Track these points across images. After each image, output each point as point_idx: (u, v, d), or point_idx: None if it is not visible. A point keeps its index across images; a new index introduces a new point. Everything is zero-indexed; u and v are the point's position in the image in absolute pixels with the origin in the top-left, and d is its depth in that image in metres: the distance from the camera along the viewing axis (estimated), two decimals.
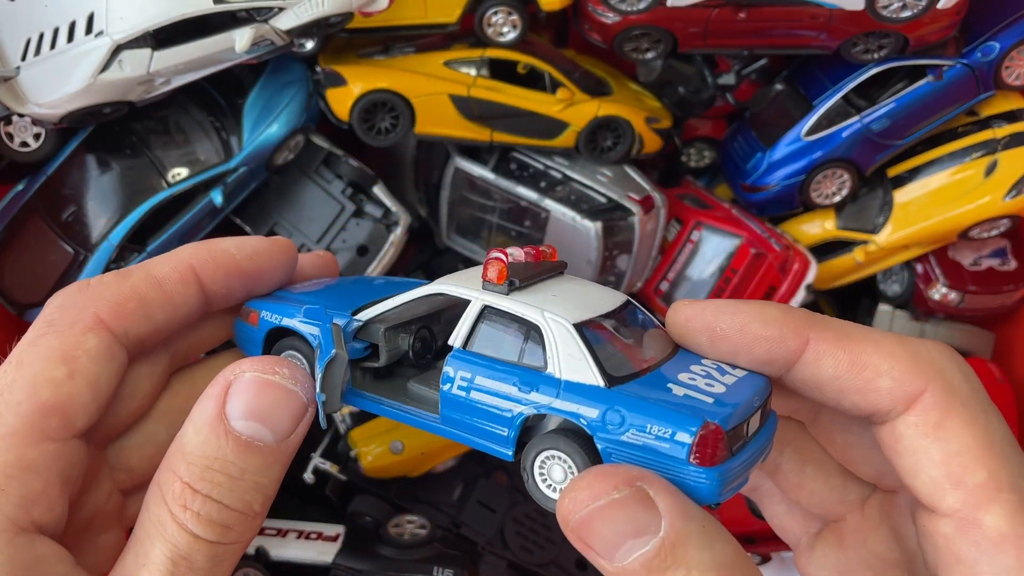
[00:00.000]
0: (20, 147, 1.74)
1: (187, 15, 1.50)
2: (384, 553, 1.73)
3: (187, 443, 0.70)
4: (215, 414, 0.70)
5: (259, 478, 0.70)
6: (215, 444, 0.69)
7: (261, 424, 0.70)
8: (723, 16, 1.77)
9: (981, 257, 2.09)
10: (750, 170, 2.03)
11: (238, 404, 0.70)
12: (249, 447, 0.70)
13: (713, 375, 0.74)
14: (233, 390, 0.71)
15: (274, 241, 0.87)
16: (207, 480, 0.68)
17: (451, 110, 1.83)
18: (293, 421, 0.72)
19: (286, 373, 0.73)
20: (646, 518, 0.63)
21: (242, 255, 0.83)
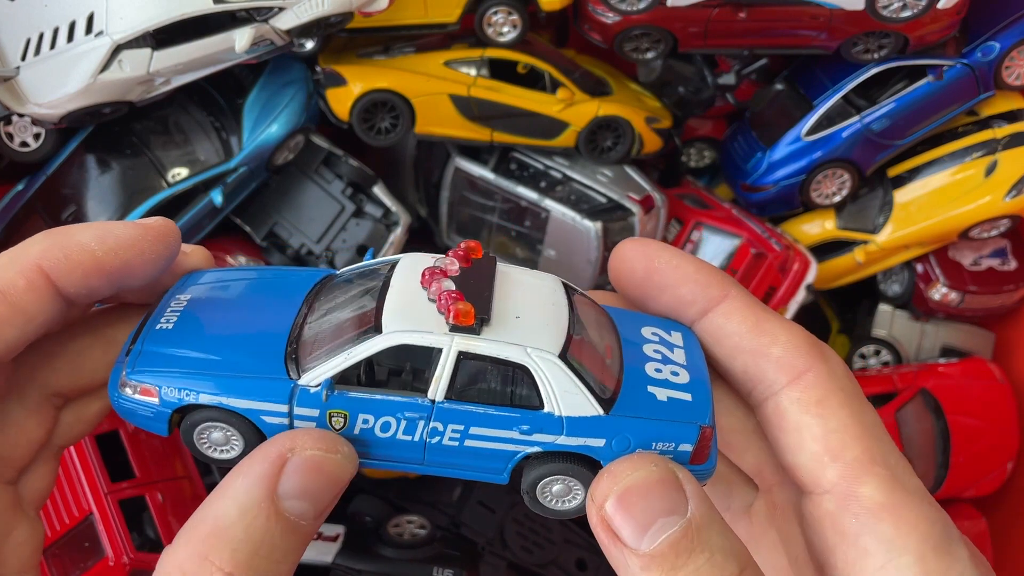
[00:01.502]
0: (20, 147, 1.74)
1: (187, 15, 1.50)
2: (384, 553, 1.74)
3: (229, 525, 0.62)
4: (266, 495, 0.63)
5: (297, 555, 0.65)
6: (264, 528, 0.62)
7: (309, 504, 0.64)
8: (723, 16, 1.77)
9: (981, 257, 2.09)
10: (750, 170, 2.03)
11: (294, 484, 0.64)
12: (295, 528, 0.64)
13: (668, 357, 0.76)
14: (289, 468, 0.64)
15: (146, 228, 0.74)
16: (254, 568, 0.61)
17: (451, 110, 1.83)
18: (334, 499, 0.67)
19: (346, 452, 0.67)
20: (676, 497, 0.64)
21: (104, 250, 0.71)
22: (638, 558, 0.63)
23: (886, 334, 2.14)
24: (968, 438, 1.97)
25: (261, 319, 0.76)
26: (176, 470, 1.73)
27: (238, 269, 0.88)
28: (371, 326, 0.71)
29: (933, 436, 1.97)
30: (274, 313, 0.76)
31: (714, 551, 0.63)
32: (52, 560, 1.68)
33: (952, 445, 1.96)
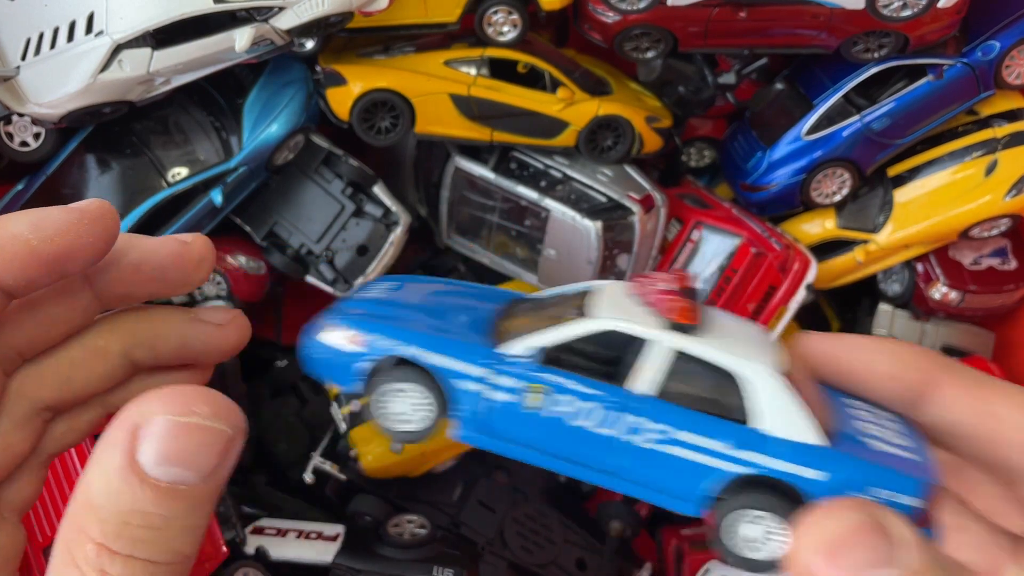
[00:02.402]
0: (20, 147, 1.74)
1: (187, 14, 1.50)
2: (384, 553, 1.74)
3: (95, 496, 0.59)
4: (125, 463, 0.59)
5: (187, 521, 0.61)
6: (130, 496, 0.59)
7: (182, 468, 0.60)
8: (723, 15, 1.77)
9: (981, 256, 2.09)
10: (750, 169, 2.03)
11: (151, 451, 0.59)
12: (171, 493, 0.59)
13: (879, 420, 0.71)
14: (142, 436, 0.60)
15: (81, 211, 0.72)
16: (125, 538, 0.58)
17: (451, 109, 1.83)
18: (219, 456, 0.62)
19: (207, 412, 0.62)
20: (885, 548, 0.59)
21: (40, 238, 0.69)
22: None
23: (886, 333, 2.14)
24: None
25: (465, 308, 0.77)
26: None
27: (432, 280, 0.89)
28: (579, 312, 0.70)
29: None
30: (477, 306, 0.77)
31: None
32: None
33: None
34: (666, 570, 2.06)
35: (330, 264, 1.92)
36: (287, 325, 2.17)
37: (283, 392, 2.08)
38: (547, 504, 1.97)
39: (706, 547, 1.98)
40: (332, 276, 1.92)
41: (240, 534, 1.74)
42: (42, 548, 1.70)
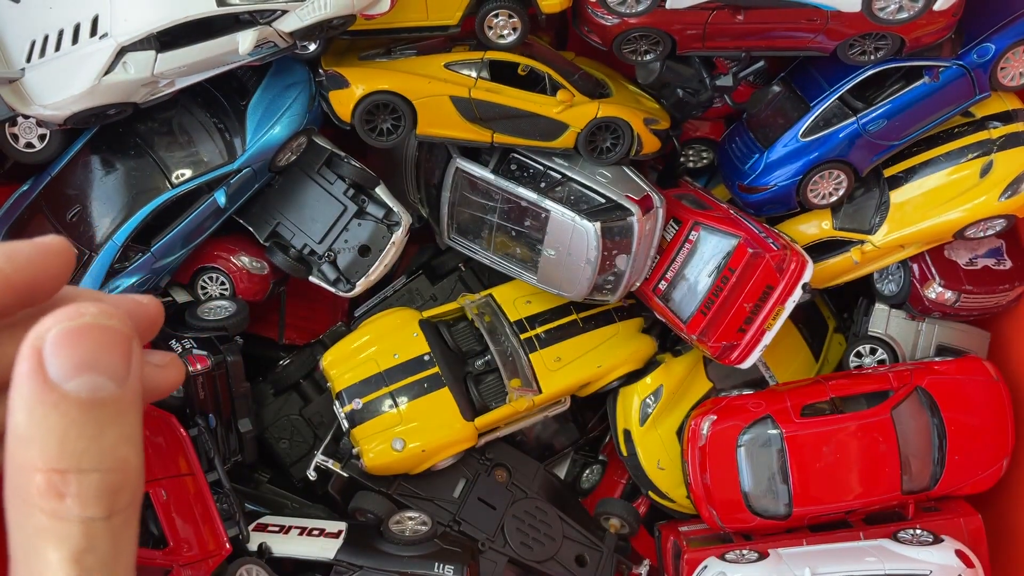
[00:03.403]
0: (25, 148, 1.75)
1: (191, 17, 1.52)
2: (385, 549, 1.75)
3: (25, 430, 0.60)
4: (40, 386, 0.59)
5: (120, 428, 0.61)
6: (57, 415, 0.59)
7: (96, 374, 0.60)
8: (721, 18, 1.78)
9: (977, 256, 2.10)
10: (748, 171, 2.04)
11: (59, 365, 0.60)
12: (95, 402, 0.60)
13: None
14: (48, 352, 0.60)
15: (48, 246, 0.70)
16: (69, 454, 0.58)
17: (452, 112, 1.85)
18: (123, 357, 0.62)
19: (94, 311, 0.62)
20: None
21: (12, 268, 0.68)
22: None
23: (882, 333, 2.15)
24: (964, 436, 1.99)
25: None
26: (179, 467, 1.75)
27: None
28: None
29: (929, 434, 1.99)
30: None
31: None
32: None
33: (948, 443, 1.98)
34: (664, 566, 2.08)
35: (332, 264, 1.94)
36: (289, 325, 2.19)
37: (285, 391, 2.10)
38: (546, 501, 1.99)
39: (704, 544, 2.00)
40: (334, 276, 1.93)
41: (243, 531, 1.76)
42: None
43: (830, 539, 1.93)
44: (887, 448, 1.95)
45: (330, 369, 1.95)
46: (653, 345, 2.15)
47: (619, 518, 2.10)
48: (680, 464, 2.07)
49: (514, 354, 1.97)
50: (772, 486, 1.97)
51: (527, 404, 1.95)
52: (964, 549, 1.85)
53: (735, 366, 1.99)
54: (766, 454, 1.96)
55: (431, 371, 1.92)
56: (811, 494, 1.95)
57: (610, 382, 2.09)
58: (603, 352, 2.06)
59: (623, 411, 2.13)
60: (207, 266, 1.93)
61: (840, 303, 2.35)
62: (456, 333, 2.02)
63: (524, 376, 1.95)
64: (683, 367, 2.13)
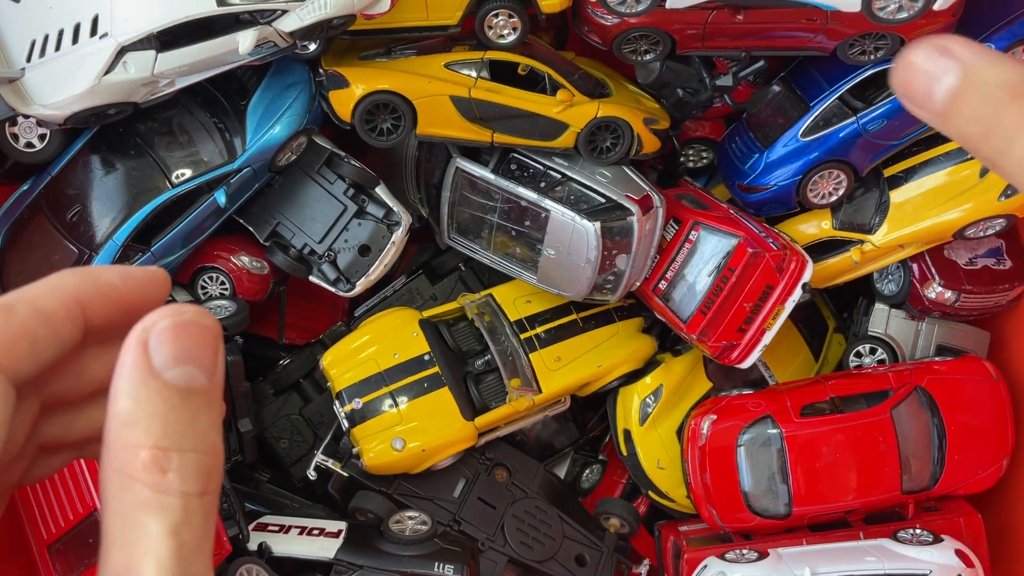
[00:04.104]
0: (25, 148, 1.75)
1: (191, 17, 1.52)
2: (385, 549, 1.75)
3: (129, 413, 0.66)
4: (145, 372, 0.66)
5: (209, 417, 0.67)
6: (160, 399, 0.66)
7: (193, 366, 0.67)
8: (721, 18, 1.78)
9: (976, 256, 2.10)
10: (748, 171, 2.04)
11: (162, 355, 0.67)
12: (190, 391, 0.67)
13: None
14: (152, 345, 0.67)
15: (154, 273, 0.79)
16: (172, 434, 0.65)
17: (452, 111, 1.85)
18: (214, 354, 0.68)
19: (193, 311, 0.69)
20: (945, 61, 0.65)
21: (127, 288, 0.77)
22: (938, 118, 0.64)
23: (882, 333, 2.15)
24: (963, 435, 1.99)
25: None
26: None
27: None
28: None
29: (929, 433, 1.99)
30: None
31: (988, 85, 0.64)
32: (56, 556, 1.70)
33: (948, 442, 1.98)
34: (664, 566, 2.08)
35: (332, 264, 1.94)
36: (289, 324, 2.19)
37: (285, 390, 2.10)
38: (546, 501, 1.99)
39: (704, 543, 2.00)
40: (334, 276, 1.93)
41: (243, 530, 1.76)
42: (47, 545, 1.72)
43: (830, 539, 1.93)
44: (887, 448, 1.95)
45: (330, 369, 1.95)
46: (653, 345, 2.15)
47: (619, 518, 2.10)
48: (680, 464, 2.07)
49: (514, 354, 1.97)
50: (772, 486, 1.97)
51: (527, 404, 1.95)
52: (964, 549, 1.85)
53: (735, 366, 2.00)
54: (766, 454, 1.96)
55: (431, 371, 1.93)
56: (811, 494, 1.95)
57: (610, 382, 2.09)
58: (603, 352, 2.06)
59: (623, 411, 2.13)
60: (207, 266, 1.93)
61: (840, 303, 2.35)
62: (456, 333, 2.02)
63: (524, 376, 1.96)
64: (683, 367, 2.13)
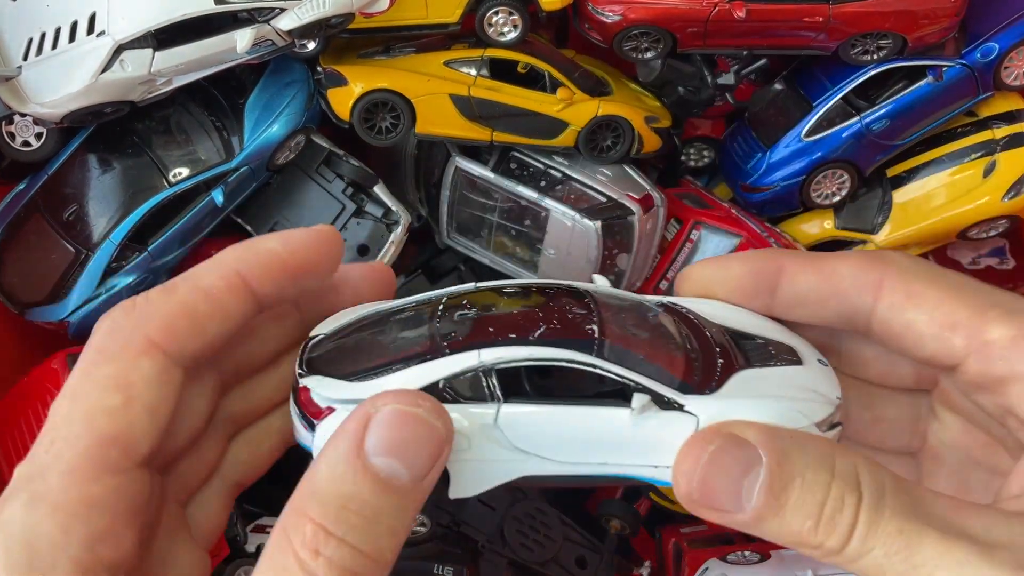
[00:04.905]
0: (22, 146, 1.74)
1: (188, 15, 1.51)
2: None
3: (319, 481, 0.66)
4: (352, 449, 0.66)
5: (393, 522, 0.66)
6: (351, 482, 0.65)
7: (399, 461, 0.66)
8: (722, 16, 1.77)
9: (980, 256, 2.10)
10: (750, 170, 2.03)
11: (377, 439, 0.66)
12: (387, 486, 0.66)
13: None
14: (373, 424, 0.66)
15: (319, 232, 0.82)
16: (342, 522, 0.64)
17: (452, 110, 1.84)
18: (431, 460, 0.68)
19: (428, 407, 0.69)
20: (748, 452, 0.68)
21: (288, 251, 0.79)
22: (748, 516, 0.67)
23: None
24: None
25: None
26: None
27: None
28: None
29: None
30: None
31: (803, 474, 0.67)
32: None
33: None
34: (665, 568, 2.07)
35: None
36: None
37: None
38: (547, 502, 1.98)
39: (706, 545, 1.99)
40: None
41: (241, 532, 1.75)
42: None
43: None
44: None
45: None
46: None
47: (620, 519, 2.09)
48: None
49: None
50: None
51: None
52: None
53: None
54: None
55: None
56: None
57: None
58: None
59: None
60: None
61: None
62: None
63: None
64: None
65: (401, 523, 0.67)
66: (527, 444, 0.78)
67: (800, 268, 0.84)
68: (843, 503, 0.66)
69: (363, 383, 0.76)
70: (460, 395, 0.76)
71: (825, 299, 0.83)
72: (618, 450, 0.78)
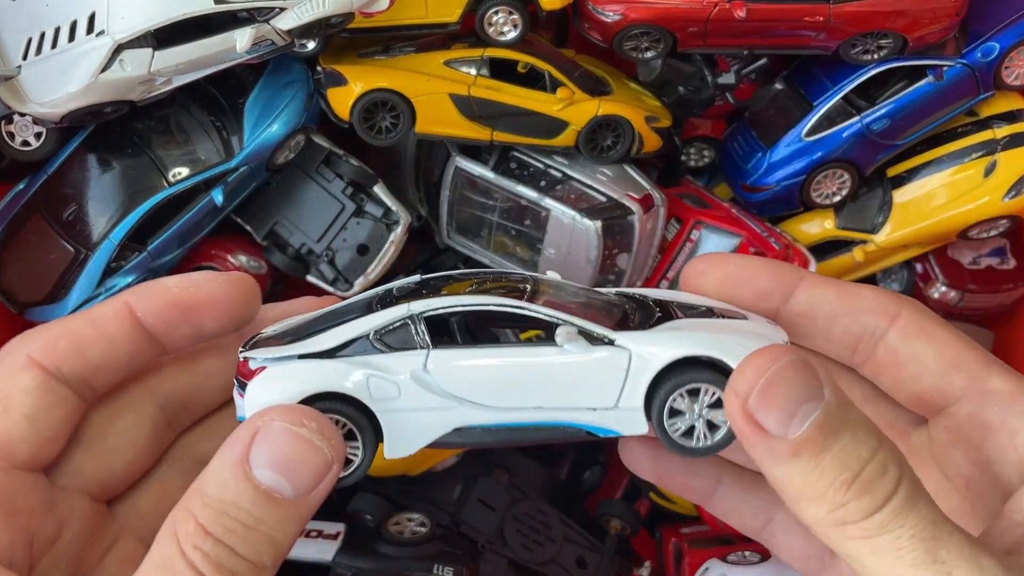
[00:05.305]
0: (21, 146, 1.74)
1: (188, 15, 1.50)
2: (384, 551, 1.74)
3: (206, 484, 0.70)
4: (238, 459, 0.69)
5: (273, 532, 0.69)
6: (234, 489, 0.69)
7: (282, 477, 0.69)
8: (722, 16, 1.77)
9: (980, 256, 2.10)
10: (750, 170, 2.03)
11: (262, 453, 0.69)
12: (268, 498, 0.69)
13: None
14: (259, 438, 0.70)
15: (224, 276, 0.86)
16: (221, 524, 0.68)
17: (451, 109, 1.84)
18: (315, 478, 0.71)
19: (314, 427, 0.72)
20: (814, 383, 0.68)
21: (179, 289, 0.83)
22: (788, 445, 0.66)
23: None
24: None
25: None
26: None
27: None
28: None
29: None
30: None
31: (854, 429, 0.67)
32: None
33: None
34: (665, 568, 2.07)
35: (331, 263, 1.93)
36: None
37: None
38: (547, 502, 1.98)
39: (706, 545, 1.99)
40: (333, 275, 1.92)
41: None
42: None
43: None
44: None
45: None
46: None
47: (620, 519, 2.09)
48: None
49: None
50: None
51: None
52: None
53: None
54: None
55: None
56: None
57: None
58: None
59: None
60: (204, 265, 1.92)
61: None
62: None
63: None
64: None
65: (283, 533, 0.70)
66: (458, 389, 0.78)
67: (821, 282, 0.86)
68: (886, 471, 0.66)
69: (296, 343, 0.79)
70: (390, 346, 0.78)
71: (836, 315, 0.84)
72: (552, 391, 0.77)
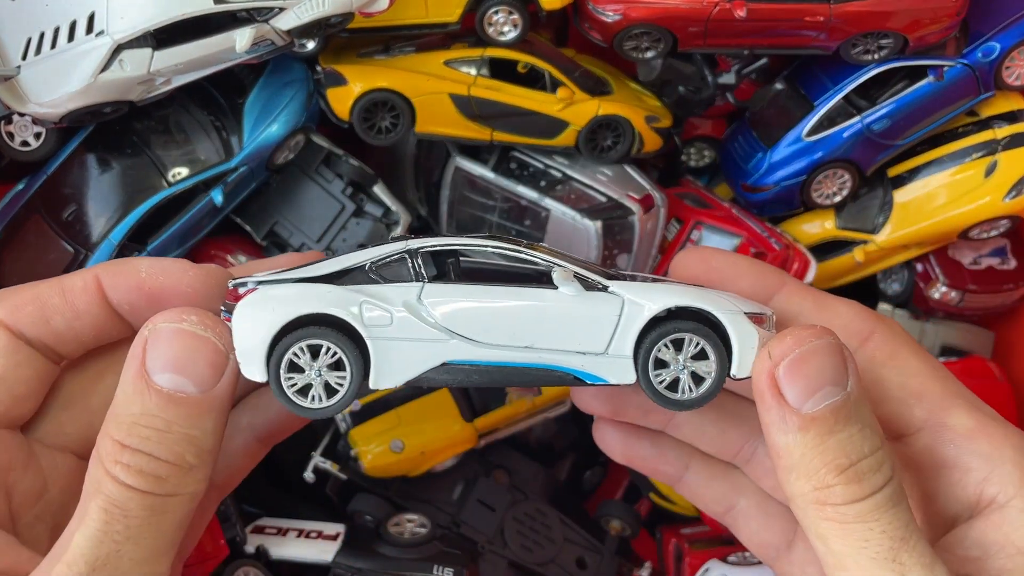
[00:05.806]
0: (21, 146, 1.74)
1: (188, 15, 1.50)
2: (384, 552, 1.74)
3: (116, 404, 0.73)
4: (136, 371, 0.72)
5: (188, 430, 0.71)
6: (139, 400, 0.71)
7: (180, 375, 0.71)
8: (723, 15, 1.77)
9: (981, 256, 2.09)
10: (751, 170, 2.03)
11: (156, 358, 0.72)
12: (172, 399, 0.71)
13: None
14: (150, 345, 0.72)
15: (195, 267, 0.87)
16: (134, 435, 0.70)
17: (451, 109, 1.83)
18: (212, 369, 0.73)
19: (194, 320, 0.74)
20: (842, 370, 0.71)
21: (148, 272, 0.85)
22: (799, 418, 0.69)
23: None
24: None
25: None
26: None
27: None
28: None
29: None
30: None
31: (864, 424, 0.70)
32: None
33: None
34: (666, 569, 2.07)
35: None
36: None
37: None
38: (547, 503, 1.98)
39: (706, 546, 1.99)
40: None
41: (240, 533, 1.75)
42: None
43: None
44: None
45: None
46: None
47: (620, 520, 2.08)
48: None
49: None
50: None
51: (527, 405, 1.94)
52: None
53: None
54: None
55: None
56: None
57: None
58: None
59: None
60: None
61: None
62: None
63: None
64: None
65: (200, 430, 0.72)
66: (451, 322, 0.78)
67: (800, 291, 0.88)
68: (879, 469, 0.69)
69: (291, 272, 0.80)
70: (386, 278, 0.80)
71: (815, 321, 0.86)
72: (544, 331, 0.78)
